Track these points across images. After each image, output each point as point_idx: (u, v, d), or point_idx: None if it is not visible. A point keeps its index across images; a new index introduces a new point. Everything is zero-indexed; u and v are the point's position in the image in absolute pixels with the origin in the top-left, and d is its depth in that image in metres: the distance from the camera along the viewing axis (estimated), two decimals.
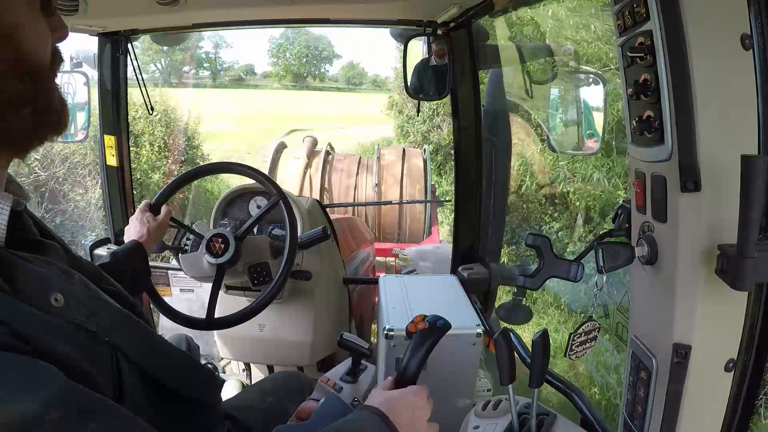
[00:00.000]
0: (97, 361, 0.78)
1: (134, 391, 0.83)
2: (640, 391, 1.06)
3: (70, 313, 0.77)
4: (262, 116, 19.08)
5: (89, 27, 2.29)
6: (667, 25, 0.86)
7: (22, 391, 0.63)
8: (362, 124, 22.08)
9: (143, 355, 0.88)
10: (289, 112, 24.85)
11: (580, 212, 7.54)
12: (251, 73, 27.37)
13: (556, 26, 7.34)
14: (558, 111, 2.27)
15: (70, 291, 0.80)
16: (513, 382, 1.24)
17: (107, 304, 0.88)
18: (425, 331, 1.21)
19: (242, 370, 2.81)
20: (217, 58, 17.39)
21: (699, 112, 0.86)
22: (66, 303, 0.77)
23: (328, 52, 35.37)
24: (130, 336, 0.87)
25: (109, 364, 0.80)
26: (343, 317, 2.67)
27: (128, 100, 2.66)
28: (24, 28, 0.75)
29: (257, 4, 2.15)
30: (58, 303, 0.76)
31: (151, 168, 10.90)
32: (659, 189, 0.95)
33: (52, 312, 0.75)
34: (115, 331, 0.83)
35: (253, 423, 1.39)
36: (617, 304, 2.34)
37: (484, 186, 2.47)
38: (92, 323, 0.80)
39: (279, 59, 33.48)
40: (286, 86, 32.41)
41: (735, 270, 0.83)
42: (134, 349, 0.85)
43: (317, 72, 35.82)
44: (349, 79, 36.12)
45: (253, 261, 1.98)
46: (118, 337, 0.83)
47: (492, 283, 2.35)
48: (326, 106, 27.68)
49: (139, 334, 0.91)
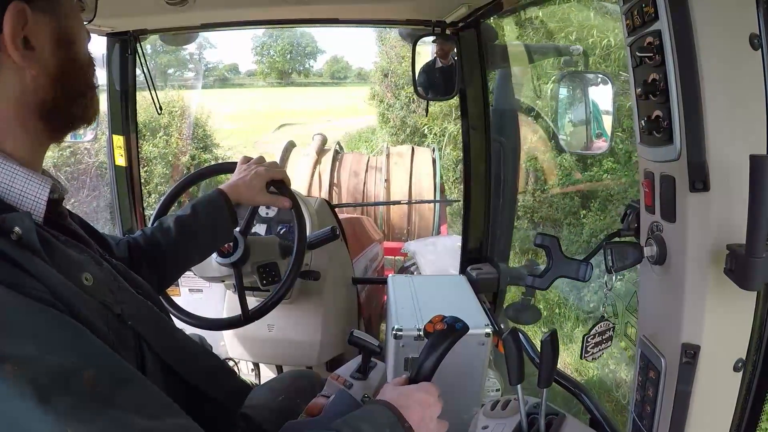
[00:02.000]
0: (123, 343, 0.83)
1: (155, 381, 0.84)
2: (649, 391, 1.06)
3: (99, 293, 0.83)
4: (252, 114, 19.39)
5: (98, 27, 2.30)
6: (676, 24, 0.86)
7: (62, 345, 0.68)
8: (348, 116, 22.64)
9: (165, 348, 0.91)
10: (276, 108, 25.25)
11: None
12: (236, 72, 27.40)
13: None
14: (567, 111, 2.26)
15: (100, 275, 0.86)
16: (522, 382, 1.24)
17: (133, 296, 0.93)
18: (443, 332, 1.20)
19: (251, 370, 2.82)
20: (202, 59, 17.48)
21: (708, 112, 0.86)
22: (96, 283, 0.83)
23: (312, 47, 35.38)
24: (153, 327, 0.91)
25: (133, 348, 0.85)
26: (352, 317, 2.68)
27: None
28: (79, 33, 0.89)
29: (266, 4, 2.15)
30: (88, 282, 0.82)
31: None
32: (668, 189, 0.95)
33: (84, 289, 0.79)
34: (139, 320, 0.88)
35: (265, 422, 1.40)
36: (626, 305, 2.33)
37: (493, 186, 2.47)
38: (118, 307, 0.85)
39: (263, 57, 33.47)
40: (271, 84, 32.49)
41: (744, 270, 0.83)
42: (156, 340, 0.90)
43: (302, 68, 35.84)
44: (334, 73, 36.19)
45: (262, 261, 1.98)
46: (141, 326, 0.88)
47: (501, 283, 2.35)
48: (312, 101, 28.11)
49: (162, 327, 0.96)
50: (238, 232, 1.87)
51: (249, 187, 1.61)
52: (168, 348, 0.92)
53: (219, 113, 15.07)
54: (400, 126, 14.53)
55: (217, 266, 1.91)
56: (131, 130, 2.63)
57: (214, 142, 13.97)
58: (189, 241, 1.51)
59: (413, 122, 14.12)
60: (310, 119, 23.70)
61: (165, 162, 10.95)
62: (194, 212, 1.52)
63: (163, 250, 1.45)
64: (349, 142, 17.88)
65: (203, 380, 0.98)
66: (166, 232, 1.47)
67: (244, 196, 1.61)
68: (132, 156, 2.65)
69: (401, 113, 14.47)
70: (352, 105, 22.81)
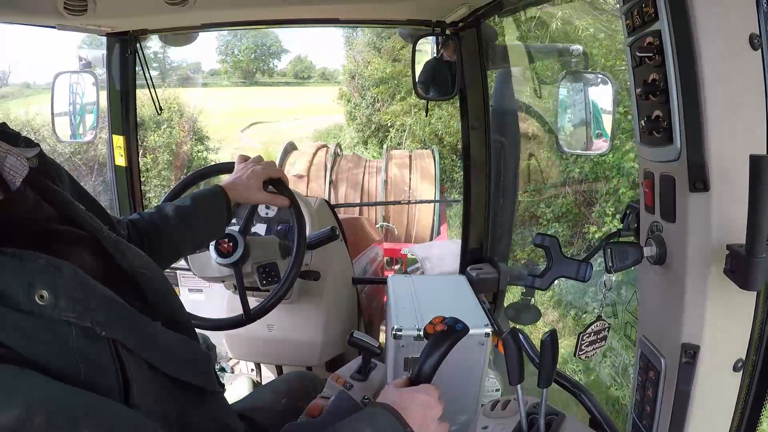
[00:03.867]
0: (92, 357, 0.76)
1: (142, 379, 0.81)
2: (649, 392, 1.06)
3: (60, 310, 0.73)
4: (219, 113, 19.56)
5: (98, 27, 2.30)
6: (676, 24, 0.86)
7: (2, 400, 0.62)
8: (316, 114, 23.27)
9: (142, 347, 0.84)
10: (244, 107, 25.52)
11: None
12: (199, 71, 27.39)
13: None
14: (566, 111, 2.26)
15: (57, 286, 0.75)
16: (521, 382, 1.24)
17: (102, 298, 0.82)
18: (443, 333, 1.21)
19: (251, 370, 2.82)
20: (166, 58, 17.41)
21: (708, 112, 0.86)
22: (54, 299, 0.73)
23: (277, 47, 35.24)
24: (128, 328, 0.83)
25: (109, 357, 0.78)
26: (352, 317, 2.68)
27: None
28: None
29: (267, 4, 2.15)
30: (43, 301, 0.72)
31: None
32: (668, 189, 0.95)
33: (36, 312, 0.71)
34: (112, 325, 0.79)
35: (268, 425, 1.39)
36: (626, 305, 2.33)
37: (493, 186, 2.47)
38: (86, 318, 0.76)
39: (228, 56, 33.45)
40: (235, 83, 32.38)
41: (744, 270, 0.83)
42: (133, 342, 0.82)
43: (266, 68, 35.79)
44: (297, 73, 36.11)
45: (262, 261, 1.97)
46: (115, 331, 0.79)
47: (501, 283, 2.35)
48: (278, 100, 28.50)
49: (136, 324, 0.87)
50: (237, 232, 1.87)
51: (246, 186, 1.61)
52: (144, 347, 0.85)
53: (186, 113, 15.37)
54: (366, 123, 16.24)
55: (217, 266, 1.91)
56: (131, 130, 2.63)
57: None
58: (185, 231, 1.50)
59: (378, 119, 15.90)
60: (278, 118, 24.60)
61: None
62: (194, 205, 1.52)
63: (160, 235, 1.44)
64: (318, 138, 19.04)
65: (175, 367, 0.92)
66: (165, 219, 1.46)
67: (241, 195, 1.61)
68: (132, 156, 2.66)
69: (367, 111, 16.19)
70: (319, 104, 23.49)
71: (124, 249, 0.97)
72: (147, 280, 0.97)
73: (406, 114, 15.06)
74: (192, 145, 15.02)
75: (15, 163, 0.81)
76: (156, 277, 1.00)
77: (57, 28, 2.09)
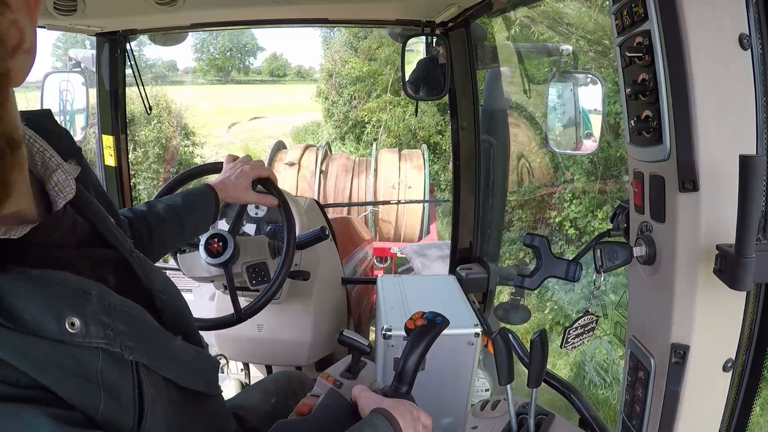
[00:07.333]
0: (113, 382, 0.73)
1: (155, 398, 0.79)
2: (638, 392, 1.06)
3: (91, 337, 0.70)
4: (198, 112, 19.51)
5: (87, 27, 2.28)
6: (666, 24, 0.86)
7: None
8: (292, 112, 23.97)
9: (162, 365, 0.83)
10: (221, 106, 25.82)
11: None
12: (174, 69, 27.20)
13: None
14: (555, 111, 2.27)
15: (87, 313, 0.71)
16: (511, 382, 1.24)
17: (128, 317, 0.77)
18: (424, 327, 1.21)
19: (240, 370, 2.81)
20: (142, 56, 17.37)
21: (697, 112, 0.86)
22: (85, 327, 0.69)
23: (252, 45, 35.36)
24: (152, 348, 0.81)
25: (129, 380, 0.75)
26: (341, 317, 2.67)
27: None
28: None
29: (255, 4, 2.15)
30: (74, 328, 0.68)
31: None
32: (657, 189, 0.95)
33: (67, 340, 0.68)
34: (139, 348, 0.77)
35: (259, 425, 1.39)
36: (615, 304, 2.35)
37: (483, 186, 2.47)
38: (116, 343, 0.73)
39: (203, 54, 33.42)
40: (211, 81, 32.43)
41: (733, 270, 0.83)
42: (155, 362, 0.80)
43: (242, 66, 35.86)
44: (273, 71, 36.26)
45: (252, 261, 1.97)
46: (141, 354, 0.77)
47: (491, 283, 2.35)
48: (254, 98, 28.99)
49: (158, 343, 0.85)
50: (227, 232, 1.86)
51: (235, 185, 1.62)
52: (160, 361, 0.82)
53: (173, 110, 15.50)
54: (343, 119, 17.29)
55: (207, 266, 1.90)
56: (120, 130, 2.62)
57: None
58: (174, 228, 1.50)
59: (355, 116, 16.91)
60: (256, 115, 25.40)
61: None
62: (184, 202, 1.53)
63: (150, 231, 1.44)
64: (296, 135, 20.73)
65: (196, 382, 0.93)
66: (156, 216, 1.46)
67: (230, 194, 1.62)
68: (121, 156, 2.64)
69: (344, 108, 17.19)
70: (295, 102, 24.37)
71: (149, 271, 0.93)
72: (165, 303, 0.94)
73: (382, 111, 15.99)
74: (179, 140, 15.36)
75: (62, 181, 0.76)
76: (174, 301, 0.99)
77: (47, 28, 2.08)
